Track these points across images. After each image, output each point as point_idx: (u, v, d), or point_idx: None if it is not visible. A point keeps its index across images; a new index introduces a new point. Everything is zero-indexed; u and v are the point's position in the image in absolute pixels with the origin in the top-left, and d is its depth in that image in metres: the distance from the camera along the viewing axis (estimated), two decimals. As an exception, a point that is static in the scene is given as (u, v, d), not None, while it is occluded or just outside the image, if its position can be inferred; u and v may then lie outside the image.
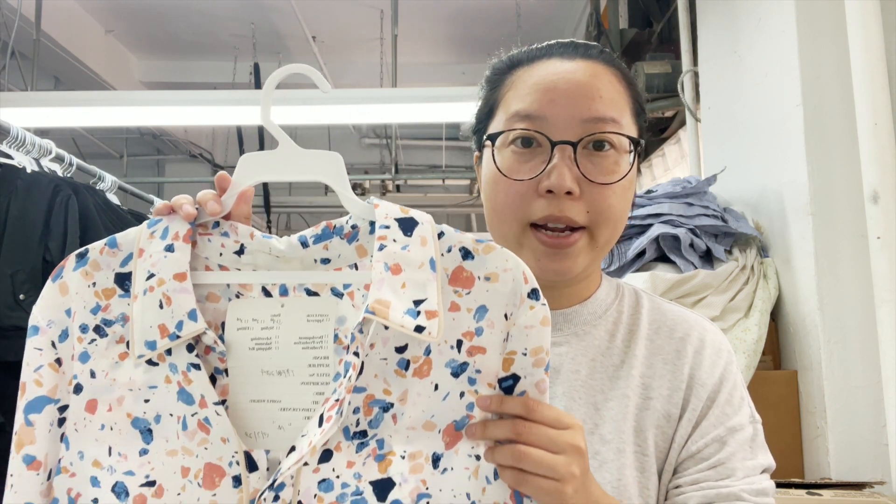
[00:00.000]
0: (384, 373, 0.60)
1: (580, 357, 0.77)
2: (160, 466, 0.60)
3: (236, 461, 0.59)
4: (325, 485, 0.60)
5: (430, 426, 0.61)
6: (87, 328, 0.62)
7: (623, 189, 0.75)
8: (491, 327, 0.61)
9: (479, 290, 0.61)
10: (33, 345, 0.61)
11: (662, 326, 0.80)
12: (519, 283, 0.61)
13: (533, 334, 0.60)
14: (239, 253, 0.64)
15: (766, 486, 0.73)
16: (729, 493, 0.70)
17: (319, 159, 0.65)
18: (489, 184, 0.77)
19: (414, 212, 0.62)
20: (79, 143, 5.14)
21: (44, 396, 0.61)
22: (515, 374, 0.60)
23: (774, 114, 1.78)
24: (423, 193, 5.64)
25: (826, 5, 1.65)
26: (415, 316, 0.58)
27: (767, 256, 1.81)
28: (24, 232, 1.67)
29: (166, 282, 0.61)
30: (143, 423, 0.61)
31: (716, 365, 0.77)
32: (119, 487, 0.60)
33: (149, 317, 0.60)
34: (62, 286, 0.63)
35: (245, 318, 0.63)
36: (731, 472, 0.72)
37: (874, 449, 1.51)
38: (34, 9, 3.67)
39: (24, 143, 1.81)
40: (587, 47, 0.78)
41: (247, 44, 4.81)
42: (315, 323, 0.62)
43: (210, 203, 0.63)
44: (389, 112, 2.75)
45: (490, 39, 4.74)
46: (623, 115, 0.75)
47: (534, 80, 0.76)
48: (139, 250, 0.63)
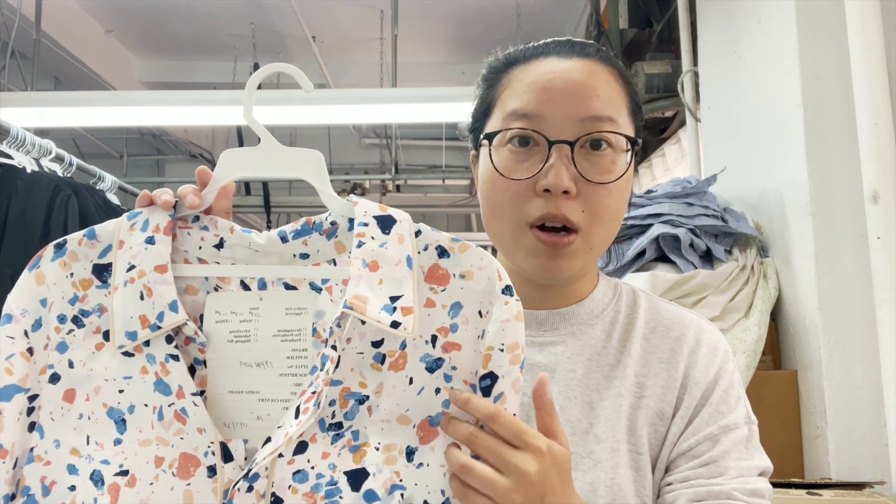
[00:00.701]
0: (360, 366, 0.61)
1: (576, 356, 0.77)
2: (133, 456, 0.61)
3: (212, 451, 0.60)
4: (300, 476, 0.60)
5: (404, 420, 0.62)
6: (66, 318, 0.63)
7: (619, 188, 0.75)
8: (465, 323, 0.62)
9: (454, 287, 0.62)
10: (5, 333, 0.61)
11: (659, 326, 0.80)
12: (493, 281, 0.62)
13: (509, 329, 0.61)
14: (218, 247, 0.65)
15: (760, 488, 0.71)
16: (720, 491, 0.69)
17: (300, 156, 0.66)
18: (486, 183, 0.77)
19: (392, 210, 0.64)
20: (79, 143, 5.14)
21: (14, 385, 0.61)
22: (493, 373, 0.60)
23: (774, 114, 1.78)
24: (423, 193, 5.63)
25: (826, 5, 1.65)
26: (391, 312, 0.59)
27: (767, 256, 1.81)
28: (24, 232, 1.67)
29: (147, 273, 0.61)
30: (117, 413, 0.62)
31: (711, 363, 0.77)
32: (96, 475, 0.60)
33: (129, 308, 0.61)
34: (38, 276, 0.63)
35: (224, 310, 0.63)
36: (724, 471, 0.71)
37: (874, 449, 1.51)
38: (34, 9, 3.68)
39: (24, 143, 1.81)
40: (584, 45, 0.78)
41: (247, 44, 4.81)
42: (294, 316, 0.63)
43: (189, 196, 0.64)
44: (389, 112, 2.75)
45: (490, 39, 4.73)
46: (620, 114, 0.75)
47: (531, 79, 0.75)
48: (119, 242, 0.63)
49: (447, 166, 5.82)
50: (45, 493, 0.61)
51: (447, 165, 5.83)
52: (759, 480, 0.72)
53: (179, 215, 0.65)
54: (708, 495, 0.69)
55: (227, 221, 0.65)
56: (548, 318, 0.80)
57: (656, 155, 3.15)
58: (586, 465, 0.72)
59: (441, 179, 5.66)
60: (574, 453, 0.73)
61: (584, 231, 0.73)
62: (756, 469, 0.73)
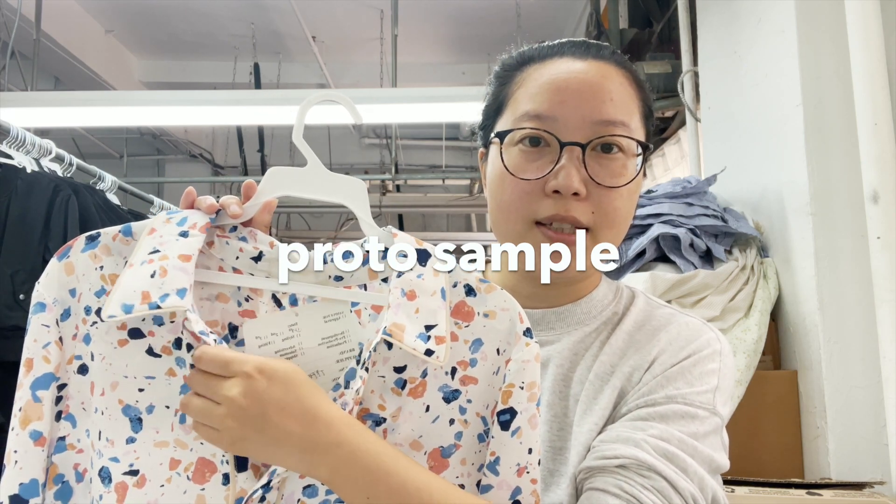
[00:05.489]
0: (381, 389, 0.62)
1: (566, 352, 0.77)
2: (145, 456, 0.61)
3: (226, 460, 0.60)
4: (310, 490, 0.61)
5: (417, 446, 0.63)
6: (91, 310, 0.63)
7: (630, 192, 0.75)
8: (484, 359, 0.64)
9: (477, 324, 0.64)
10: (41, 321, 0.62)
11: (647, 325, 0.79)
12: (514, 322, 0.65)
13: (529, 369, 0.63)
14: (256, 259, 0.65)
15: (680, 457, 0.65)
16: (629, 437, 0.66)
17: (344, 182, 0.68)
18: (495, 181, 0.77)
19: (427, 244, 0.66)
20: (79, 143, 5.14)
21: (51, 373, 0.61)
22: (513, 409, 0.63)
23: (774, 114, 1.78)
24: (422, 193, 5.63)
25: (826, 5, 1.65)
26: (426, 340, 0.61)
27: (767, 256, 1.81)
28: (24, 232, 1.67)
29: (169, 258, 0.61)
30: (133, 412, 0.61)
31: (683, 350, 0.74)
32: (104, 472, 0.60)
33: (136, 282, 0.60)
34: (68, 266, 0.63)
35: (264, 334, 0.64)
36: (648, 428, 0.66)
37: (874, 449, 1.51)
38: (34, 9, 3.67)
39: (24, 143, 1.81)
40: (599, 48, 0.78)
41: (247, 44, 4.81)
42: (333, 322, 0.65)
43: (232, 206, 0.65)
44: (389, 112, 2.75)
45: (490, 39, 4.74)
46: (632, 119, 0.75)
47: (545, 79, 0.75)
48: (150, 229, 0.63)
49: (447, 166, 5.83)
50: (78, 480, 0.61)
51: (447, 165, 5.83)
52: (687, 457, 0.66)
53: (219, 223, 0.66)
54: (617, 439, 0.67)
55: (268, 236, 0.66)
56: (543, 316, 0.80)
57: (656, 155, 3.15)
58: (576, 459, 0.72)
59: (441, 179, 5.66)
60: (562, 448, 0.72)
61: (593, 231, 0.73)
62: (693, 448, 0.66)
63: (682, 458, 0.66)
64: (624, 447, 0.66)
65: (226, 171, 6.39)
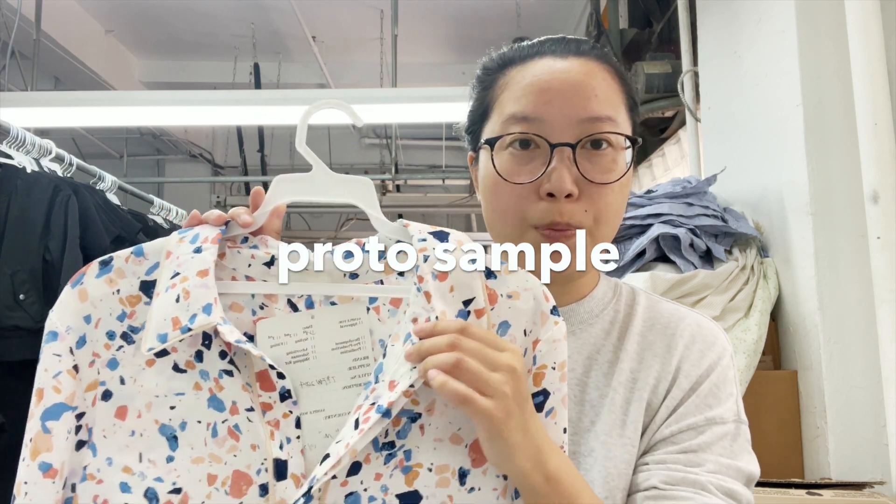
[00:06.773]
0: None
1: (575, 355, 0.77)
2: (185, 474, 0.60)
3: (265, 468, 0.59)
4: (352, 498, 0.59)
5: (457, 439, 0.61)
6: (115, 335, 0.62)
7: (621, 186, 0.75)
8: (513, 342, 0.62)
9: (501, 306, 0.63)
10: (52, 350, 0.61)
11: (656, 323, 0.79)
12: (540, 301, 0.64)
13: (560, 348, 0.63)
14: (269, 264, 0.65)
15: (737, 490, 0.68)
16: (695, 480, 0.68)
17: (350, 182, 0.68)
18: (488, 187, 0.77)
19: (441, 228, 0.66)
20: (79, 143, 5.14)
21: (62, 403, 0.60)
22: (546, 390, 0.62)
23: (774, 114, 1.78)
24: (422, 193, 5.63)
25: (826, 5, 1.65)
26: (465, 317, 0.61)
27: (767, 256, 1.81)
28: (24, 232, 1.67)
29: (189, 279, 0.61)
30: (169, 430, 0.61)
31: (704, 357, 0.76)
32: (150, 493, 0.60)
33: (165, 311, 0.60)
34: (81, 292, 0.63)
35: (277, 334, 0.63)
36: (703, 462, 0.69)
37: (874, 449, 1.51)
38: (34, 9, 3.67)
39: (24, 143, 1.81)
40: (579, 43, 0.78)
41: (247, 44, 4.81)
42: (349, 327, 0.64)
43: (242, 216, 0.65)
44: (389, 112, 2.75)
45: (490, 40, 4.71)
46: (619, 113, 0.75)
47: (528, 81, 0.75)
48: (167, 253, 0.63)
49: (447, 166, 5.83)
50: None
51: (447, 165, 5.83)
52: (737, 483, 0.69)
53: (229, 235, 0.65)
54: (683, 481, 0.68)
55: (278, 242, 0.66)
56: None
57: (656, 155, 3.15)
58: (588, 464, 0.72)
59: (441, 179, 5.66)
60: (576, 452, 0.73)
61: (589, 229, 0.74)
62: (737, 470, 0.70)
63: (738, 493, 0.69)
64: (693, 492, 0.67)
65: (226, 171, 6.39)
